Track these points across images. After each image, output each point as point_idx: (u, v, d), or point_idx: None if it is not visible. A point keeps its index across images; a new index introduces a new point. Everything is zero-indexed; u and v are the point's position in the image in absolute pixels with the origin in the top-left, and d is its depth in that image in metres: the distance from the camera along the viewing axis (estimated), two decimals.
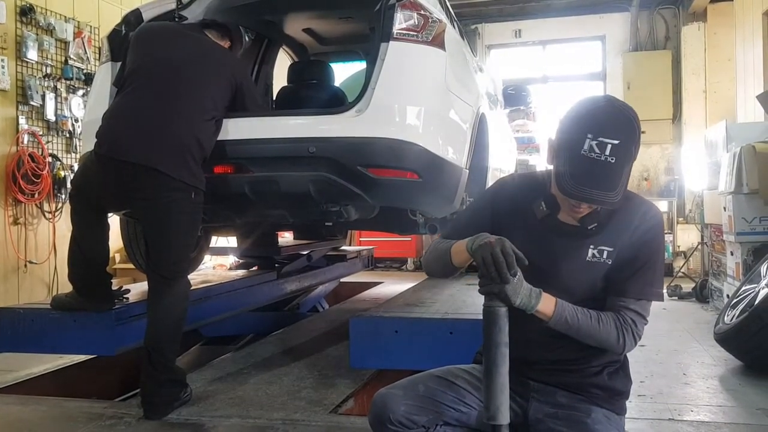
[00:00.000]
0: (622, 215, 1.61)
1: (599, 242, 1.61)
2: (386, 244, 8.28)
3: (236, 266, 5.11)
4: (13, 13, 5.27)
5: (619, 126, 1.48)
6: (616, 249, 1.61)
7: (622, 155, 1.45)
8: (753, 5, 6.36)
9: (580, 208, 1.56)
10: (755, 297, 3.70)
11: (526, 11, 9.54)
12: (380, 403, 1.63)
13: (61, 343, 3.01)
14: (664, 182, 9.04)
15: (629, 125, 1.49)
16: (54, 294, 3.72)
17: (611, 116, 1.49)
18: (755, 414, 2.84)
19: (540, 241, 1.65)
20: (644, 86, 8.85)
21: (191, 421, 2.57)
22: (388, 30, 2.70)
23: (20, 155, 5.23)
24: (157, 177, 2.58)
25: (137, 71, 2.77)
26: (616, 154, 1.44)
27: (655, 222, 1.64)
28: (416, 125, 2.65)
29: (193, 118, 2.66)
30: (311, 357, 3.50)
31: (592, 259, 1.62)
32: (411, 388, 1.66)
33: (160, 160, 2.58)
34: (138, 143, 2.60)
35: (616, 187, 1.46)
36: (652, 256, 1.62)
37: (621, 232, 1.61)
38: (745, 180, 4.67)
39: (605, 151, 1.44)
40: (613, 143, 1.44)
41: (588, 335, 1.58)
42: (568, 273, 1.63)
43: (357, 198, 2.74)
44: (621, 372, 1.72)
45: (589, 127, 1.47)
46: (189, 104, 2.68)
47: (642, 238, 1.61)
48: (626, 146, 1.46)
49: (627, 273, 1.60)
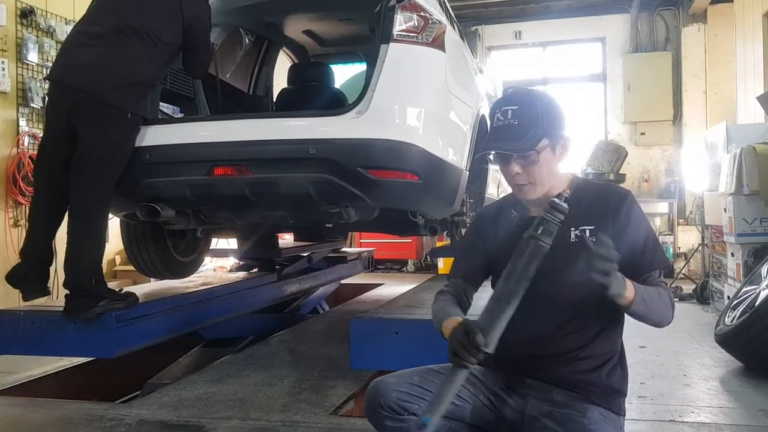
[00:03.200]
0: (591, 200, 1.74)
1: (577, 223, 1.70)
2: (386, 246, 8.28)
3: (236, 268, 5.11)
4: (13, 15, 5.27)
5: (519, 96, 1.76)
6: (597, 228, 1.67)
7: (524, 117, 1.69)
8: (753, 7, 6.36)
9: (510, 170, 1.73)
10: (756, 298, 3.70)
11: (526, 13, 9.54)
12: (373, 389, 1.71)
13: (61, 345, 3.01)
14: (665, 183, 9.04)
15: (528, 95, 1.76)
16: (54, 296, 3.72)
17: (513, 92, 1.81)
18: (756, 415, 2.84)
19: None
20: (644, 87, 8.86)
21: (191, 422, 2.56)
22: (388, 31, 2.69)
23: (20, 157, 5.22)
24: (99, 103, 2.71)
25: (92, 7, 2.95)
26: (517, 116, 1.70)
27: (629, 201, 1.72)
28: (416, 127, 2.65)
29: (134, 51, 2.79)
30: (311, 359, 3.49)
31: (575, 240, 1.68)
32: (405, 377, 1.73)
33: (104, 89, 2.71)
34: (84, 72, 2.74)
35: (519, 138, 1.68)
36: (647, 230, 1.72)
37: (597, 214, 1.71)
38: (746, 181, 4.67)
39: (507, 116, 1.71)
40: (512, 108, 1.71)
41: (657, 311, 1.64)
42: (558, 261, 1.64)
43: (357, 199, 2.74)
44: (619, 369, 1.73)
45: (497, 105, 1.78)
46: (132, 36, 2.80)
47: (626, 221, 1.69)
48: (526, 110, 1.70)
49: (636, 254, 1.67)
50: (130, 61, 2.80)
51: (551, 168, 1.74)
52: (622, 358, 1.75)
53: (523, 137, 1.67)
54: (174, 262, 3.69)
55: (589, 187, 1.81)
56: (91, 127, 2.76)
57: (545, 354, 1.69)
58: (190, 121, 3.02)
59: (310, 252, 5.04)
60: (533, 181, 1.72)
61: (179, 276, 3.85)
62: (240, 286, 4.10)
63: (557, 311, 1.69)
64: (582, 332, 1.69)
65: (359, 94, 2.70)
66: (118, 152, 2.79)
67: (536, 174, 1.71)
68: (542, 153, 1.69)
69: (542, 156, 1.70)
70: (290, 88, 3.92)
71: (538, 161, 1.70)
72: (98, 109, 2.74)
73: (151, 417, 2.63)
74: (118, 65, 2.78)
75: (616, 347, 1.75)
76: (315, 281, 5.24)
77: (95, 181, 2.79)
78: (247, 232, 4.28)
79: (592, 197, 1.75)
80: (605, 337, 1.71)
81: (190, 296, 3.58)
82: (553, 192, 1.70)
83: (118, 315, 2.95)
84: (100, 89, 2.73)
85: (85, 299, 2.83)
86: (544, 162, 1.71)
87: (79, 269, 2.82)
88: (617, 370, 1.72)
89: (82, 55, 2.80)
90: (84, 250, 2.82)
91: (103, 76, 2.75)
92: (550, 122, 1.71)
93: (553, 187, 1.73)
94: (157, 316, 3.25)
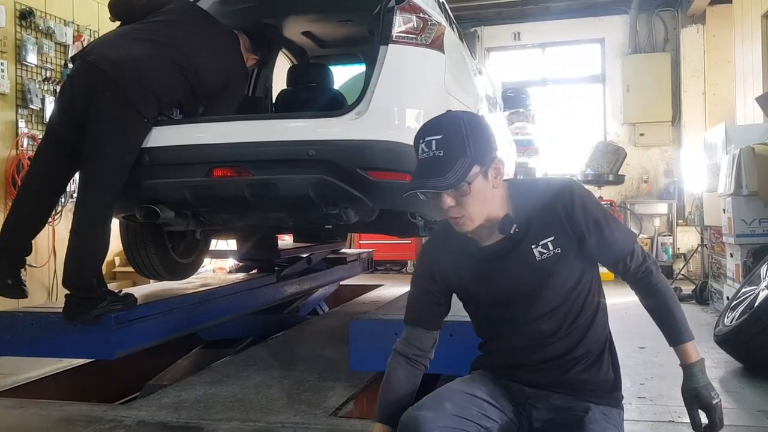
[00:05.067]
0: (537, 206, 1.66)
1: (536, 238, 1.65)
2: (386, 247, 8.26)
3: (236, 269, 5.10)
4: (12, 16, 5.27)
5: (442, 124, 1.62)
6: (557, 237, 1.63)
7: (450, 147, 1.56)
8: (752, 8, 6.37)
9: (442, 204, 1.60)
10: (755, 299, 3.70)
11: (525, 14, 9.55)
12: (413, 426, 1.57)
13: (61, 346, 3.00)
14: (664, 184, 9.05)
15: (452, 122, 1.62)
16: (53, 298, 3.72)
17: (435, 119, 1.65)
18: (756, 416, 2.84)
19: (488, 274, 1.70)
20: (643, 89, 8.87)
21: (191, 424, 2.56)
22: (387, 33, 2.70)
23: (20, 158, 5.22)
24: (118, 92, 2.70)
25: (157, 20, 2.98)
26: (441, 147, 1.57)
27: (570, 188, 1.67)
28: (415, 128, 2.64)
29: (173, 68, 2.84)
30: (311, 360, 3.49)
31: (541, 257, 1.64)
32: (438, 407, 1.63)
33: (131, 87, 2.72)
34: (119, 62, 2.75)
35: (446, 173, 1.54)
36: (604, 216, 1.67)
37: (551, 220, 1.64)
38: (745, 182, 4.67)
39: (432, 146, 1.58)
40: (435, 139, 1.58)
41: (683, 315, 1.72)
42: (531, 282, 1.65)
43: (357, 201, 2.74)
44: (608, 358, 1.73)
45: (419, 135, 1.64)
46: (177, 56, 2.86)
47: (583, 217, 1.64)
48: (450, 138, 1.57)
49: (603, 243, 1.65)
50: (164, 83, 2.83)
51: (486, 196, 1.61)
52: (611, 346, 1.76)
53: (451, 169, 1.54)
54: (173, 263, 3.69)
55: (528, 194, 1.70)
56: (108, 123, 2.73)
57: (540, 359, 1.69)
58: (189, 122, 3.01)
59: (309, 253, 5.04)
60: (468, 213, 1.60)
61: (179, 277, 3.85)
62: (239, 288, 4.10)
63: (543, 327, 1.67)
64: (573, 333, 1.68)
65: (358, 96, 2.70)
66: (130, 153, 2.78)
67: (470, 205, 1.59)
68: (474, 182, 1.57)
69: (475, 186, 1.57)
70: (289, 90, 3.92)
71: (471, 192, 1.57)
72: (118, 106, 2.73)
73: (150, 418, 2.63)
74: (155, 75, 2.80)
75: (605, 332, 1.75)
76: (314, 282, 5.24)
77: (103, 181, 2.78)
78: (246, 233, 4.28)
79: (540, 207, 1.65)
80: (595, 329, 1.71)
81: (189, 297, 3.58)
82: (496, 215, 1.64)
83: (117, 316, 2.94)
84: (128, 85, 2.72)
85: (85, 301, 2.83)
86: (478, 191, 1.58)
87: (80, 270, 2.81)
88: (607, 358, 1.72)
89: (128, 48, 2.81)
90: (87, 252, 2.82)
91: (136, 74, 2.75)
92: (477, 147, 1.57)
93: (492, 212, 1.64)
94: (157, 318, 3.25)
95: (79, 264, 2.81)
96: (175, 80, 2.87)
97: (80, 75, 2.82)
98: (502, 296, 1.69)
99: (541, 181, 1.78)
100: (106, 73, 2.72)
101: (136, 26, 2.97)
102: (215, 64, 3.00)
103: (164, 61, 2.85)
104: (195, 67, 2.91)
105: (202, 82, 2.95)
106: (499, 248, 1.68)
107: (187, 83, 2.91)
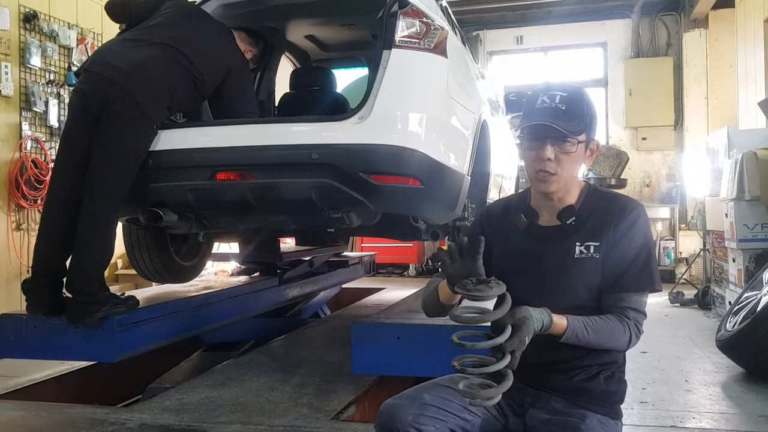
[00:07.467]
0: (601, 210, 1.70)
1: (584, 238, 1.68)
2: (388, 250, 8.26)
3: (238, 272, 5.11)
4: (16, 19, 5.30)
5: (567, 88, 1.68)
6: (602, 244, 1.65)
7: (572, 106, 1.63)
8: (754, 12, 6.37)
9: (543, 154, 1.64)
10: (757, 304, 3.70)
11: (527, 18, 9.56)
12: (387, 413, 1.63)
13: (63, 349, 3.01)
14: (666, 189, 9.04)
15: (577, 90, 1.69)
16: None
17: (559, 82, 1.72)
18: (758, 421, 2.84)
19: (527, 251, 1.73)
20: (646, 93, 8.86)
21: (193, 427, 2.57)
22: (391, 37, 2.70)
23: (23, 161, 5.25)
24: (126, 98, 2.72)
25: (154, 24, 3.00)
26: (565, 102, 1.63)
27: (636, 214, 1.69)
28: (418, 132, 2.66)
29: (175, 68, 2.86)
30: (313, 363, 3.49)
31: (580, 255, 1.67)
32: (417, 397, 1.67)
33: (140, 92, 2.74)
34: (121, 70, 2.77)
35: (567, 122, 1.62)
36: (640, 247, 1.66)
37: (603, 226, 1.67)
38: (747, 186, 4.67)
39: (555, 99, 1.64)
40: (561, 94, 1.64)
41: (597, 343, 1.61)
42: (561, 275, 1.67)
43: (359, 204, 2.75)
44: (617, 375, 1.72)
45: (540, 90, 1.69)
46: (180, 58, 2.86)
47: (625, 232, 1.66)
48: (574, 101, 1.64)
49: (620, 268, 1.64)
50: (176, 84, 2.86)
51: (577, 165, 1.70)
52: (623, 363, 1.75)
53: (570, 122, 1.62)
54: (176, 266, 3.69)
55: (598, 198, 1.75)
56: (118, 131, 2.73)
57: (546, 360, 1.69)
58: (192, 126, 3.02)
59: (311, 256, 5.04)
60: (559, 172, 1.66)
61: (181, 280, 3.85)
62: (241, 291, 4.10)
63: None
64: None
65: (361, 100, 2.71)
66: (138, 160, 2.78)
67: (565, 165, 1.66)
68: (579, 146, 1.66)
69: (578, 149, 1.66)
70: (292, 93, 3.93)
71: (573, 152, 1.65)
72: (129, 113, 2.73)
73: (152, 421, 2.64)
74: (165, 76, 2.82)
75: (618, 358, 1.73)
76: (316, 285, 5.24)
77: (111, 189, 2.78)
78: (248, 236, 4.28)
79: (600, 212, 1.70)
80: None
81: (191, 300, 3.58)
82: (566, 198, 1.70)
83: (120, 319, 2.95)
84: (138, 91, 2.73)
85: (88, 304, 2.83)
86: (577, 156, 1.67)
87: (84, 274, 2.82)
88: (616, 375, 1.72)
89: (131, 55, 2.82)
90: (92, 256, 2.82)
91: (145, 78, 2.77)
92: (591, 120, 1.68)
93: (571, 187, 1.71)
94: (159, 321, 3.25)
95: (84, 270, 2.82)
96: (183, 80, 2.89)
97: (88, 86, 2.82)
98: (529, 279, 1.68)
99: (615, 193, 1.83)
100: (114, 81, 2.73)
101: (135, 32, 2.99)
102: (216, 59, 3.01)
103: (169, 62, 2.86)
104: (198, 64, 2.92)
105: (206, 79, 2.96)
106: (549, 233, 1.73)
107: (191, 82, 2.92)
